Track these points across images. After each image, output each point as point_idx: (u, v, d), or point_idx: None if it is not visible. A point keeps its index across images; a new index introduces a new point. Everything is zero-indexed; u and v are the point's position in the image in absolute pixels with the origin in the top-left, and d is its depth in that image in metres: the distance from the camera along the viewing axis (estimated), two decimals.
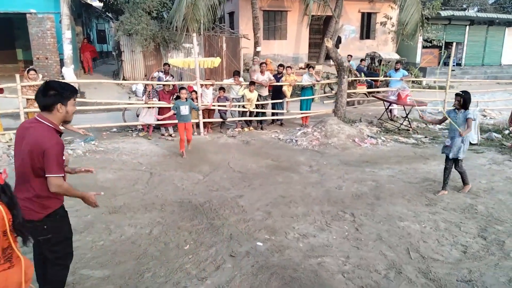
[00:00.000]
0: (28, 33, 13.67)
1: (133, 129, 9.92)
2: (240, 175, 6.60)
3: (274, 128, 10.41)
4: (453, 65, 22.28)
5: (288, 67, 10.93)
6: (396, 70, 11.52)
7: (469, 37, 22.44)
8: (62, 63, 14.11)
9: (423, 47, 21.18)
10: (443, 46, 21.80)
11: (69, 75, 13.58)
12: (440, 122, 5.92)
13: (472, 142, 8.38)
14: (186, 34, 14.38)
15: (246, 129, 10.10)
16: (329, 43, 10.14)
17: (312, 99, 10.73)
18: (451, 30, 21.95)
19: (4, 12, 13.63)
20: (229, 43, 16.65)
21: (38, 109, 2.76)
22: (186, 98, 7.72)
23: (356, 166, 7.00)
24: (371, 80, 13.42)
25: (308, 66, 10.73)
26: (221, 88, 9.86)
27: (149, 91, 8.94)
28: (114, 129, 9.84)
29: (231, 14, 20.74)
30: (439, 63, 22.53)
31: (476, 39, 22.67)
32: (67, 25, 13.45)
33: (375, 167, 6.96)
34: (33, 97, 7.93)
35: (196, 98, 9.29)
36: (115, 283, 3.38)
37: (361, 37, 21.07)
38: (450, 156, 5.50)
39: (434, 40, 19.66)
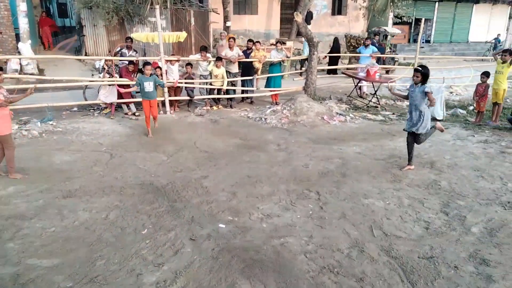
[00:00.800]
0: None
1: (95, 108, 9.46)
2: (206, 155, 6.40)
3: (244, 106, 10.18)
4: (422, 42, 22.62)
5: (257, 41, 10.62)
6: (366, 46, 11.44)
7: (438, 13, 22.67)
8: (18, 38, 13.21)
9: (394, 23, 21.22)
10: (413, 22, 21.93)
11: (26, 50, 12.75)
12: (406, 97, 5.87)
13: (438, 118, 8.51)
14: (151, 8, 13.71)
15: (214, 108, 9.83)
16: (298, 17, 9.89)
17: (282, 76, 10.52)
18: (421, 6, 22.07)
19: None
20: (198, 17, 16.05)
21: None
22: (150, 74, 7.34)
23: (324, 144, 6.93)
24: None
25: (277, 42, 10.46)
26: (188, 64, 9.48)
27: (109, 68, 8.46)
28: (75, 108, 9.35)
29: None
30: (409, 40, 22.76)
31: (445, 15, 22.94)
32: None
33: (343, 144, 6.92)
34: None
35: (161, 75, 8.90)
36: (64, 273, 3.16)
37: (333, 13, 20.83)
38: (408, 129, 5.51)
39: (404, 16, 19.68)
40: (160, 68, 8.98)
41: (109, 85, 8.58)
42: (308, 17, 18.93)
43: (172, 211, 4.29)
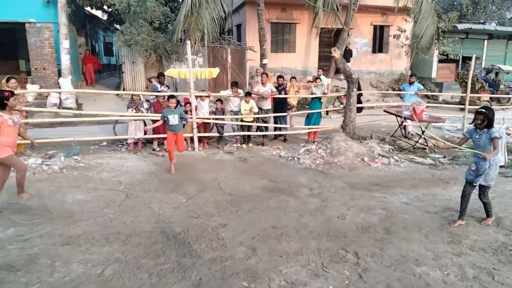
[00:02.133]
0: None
1: (123, 143, 9.20)
2: (229, 198, 5.73)
3: (277, 144, 9.54)
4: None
5: (292, 77, 10.16)
6: (411, 83, 10.60)
7: (488, 51, 21.42)
8: (60, 74, 13.64)
9: (439, 61, 20.22)
10: (460, 61, 20.80)
11: (66, 85, 13.05)
12: (460, 144, 5.00)
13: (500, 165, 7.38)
14: (191, 46, 13.80)
15: (245, 145, 9.27)
16: (336, 53, 9.33)
17: (320, 114, 9.86)
18: (468, 44, 21.00)
19: (3, 21, 13.26)
20: (235, 55, 16.00)
21: None
22: (175, 107, 6.95)
23: (364, 190, 6.06)
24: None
25: (316, 78, 9.92)
26: (218, 100, 9.09)
27: (136, 102, 8.22)
28: (104, 143, 9.13)
29: (239, 27, 20.19)
30: (455, 78, 21.52)
31: (495, 53, 21.63)
32: (65, 34, 12.99)
33: (387, 191, 6.01)
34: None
35: (191, 111, 8.55)
36: None
37: (373, 51, 20.21)
38: (475, 182, 4.56)
39: (450, 54, 18.68)
40: (190, 104, 8.65)
41: (136, 120, 8.32)
42: (348, 55, 18.42)
43: (178, 269, 3.60)
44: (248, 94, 8.83)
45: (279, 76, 10.11)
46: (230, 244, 4.13)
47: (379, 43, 20.24)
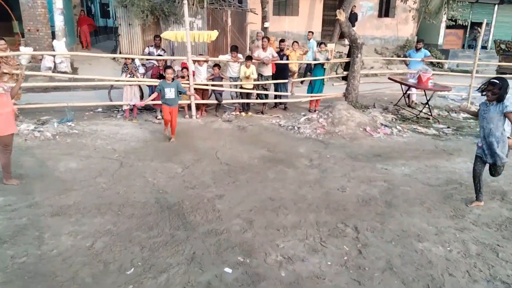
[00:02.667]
0: None
1: (119, 109, 8.94)
2: (226, 168, 5.57)
3: (277, 113, 9.28)
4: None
5: (294, 41, 9.75)
6: (417, 49, 10.18)
7: (498, 17, 20.63)
8: (54, 36, 13.14)
9: (447, 27, 19.48)
10: (469, 26, 20.07)
11: (60, 48, 12.60)
12: (476, 115, 4.66)
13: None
14: (179, 7, 13.21)
15: (244, 114, 9.01)
16: (341, 16, 8.88)
17: (323, 81, 9.52)
18: (478, 9, 20.17)
19: None
20: (235, 18, 15.37)
21: None
22: (172, 79, 6.64)
23: (366, 161, 5.89)
24: None
25: (320, 43, 9.50)
26: (216, 65, 8.73)
27: (129, 67, 7.91)
28: (99, 109, 8.88)
29: None
30: (463, 45, 20.88)
31: (505, 19, 20.83)
32: None
33: (388, 162, 5.84)
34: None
35: (188, 76, 8.23)
36: None
37: (379, 15, 19.44)
38: (487, 161, 4.29)
39: (459, 19, 17.96)
40: (187, 69, 8.32)
41: (131, 85, 8.03)
42: (353, 19, 17.74)
43: (172, 242, 3.47)
44: (248, 58, 8.46)
45: (281, 40, 9.69)
46: (226, 217, 4.00)
47: (385, 6, 19.43)
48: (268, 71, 9.00)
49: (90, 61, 14.20)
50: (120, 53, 14.17)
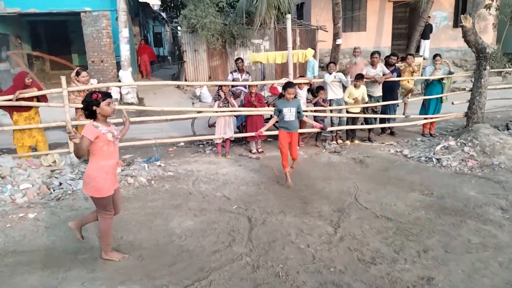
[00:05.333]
0: (83, 35, 12.21)
1: (204, 143, 7.80)
2: (391, 224, 4.09)
3: (386, 140, 7.78)
4: None
5: (409, 54, 8.34)
6: None
7: None
8: (118, 66, 12.51)
9: None
10: None
11: (127, 78, 11.89)
12: None
13: None
14: (254, 29, 12.21)
15: (348, 142, 7.58)
16: (467, 22, 7.34)
17: (441, 100, 7.96)
18: None
19: (58, 12, 12.24)
20: (304, 37, 14.23)
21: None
22: (293, 97, 5.34)
23: None
24: None
25: (435, 55, 8.01)
26: (320, 88, 7.41)
27: (225, 94, 6.73)
28: (181, 143, 7.78)
29: (300, 6, 18.29)
30: None
31: None
32: (124, 22, 11.77)
33: None
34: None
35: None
36: None
37: (455, 25, 17.63)
38: None
39: None
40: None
41: (225, 116, 6.85)
42: (427, 31, 16.14)
43: None
44: (359, 77, 7.09)
45: (392, 54, 8.33)
46: None
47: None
48: (379, 91, 7.58)
49: (155, 90, 13.46)
50: (185, 80, 13.32)
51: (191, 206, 4.71)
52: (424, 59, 15.34)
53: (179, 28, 13.03)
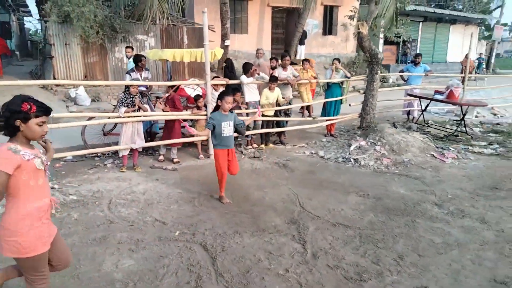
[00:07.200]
0: None
1: (100, 155, 6.58)
2: (351, 232, 3.95)
3: (295, 142, 7.84)
4: (408, 62, 21.99)
5: (305, 60, 8.55)
6: (416, 64, 9.79)
7: (422, 34, 22.30)
8: None
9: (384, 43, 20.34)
10: (401, 43, 21.25)
11: None
12: None
13: None
14: (143, 23, 11.04)
15: (263, 146, 7.39)
16: (364, 28, 7.91)
17: (341, 102, 8.40)
18: (407, 26, 21.50)
19: None
20: (192, 35, 13.58)
21: None
22: (231, 110, 4.75)
23: (496, 197, 4.82)
24: None
25: (333, 59, 8.39)
26: (236, 90, 6.97)
27: (131, 98, 5.78)
28: (69, 157, 6.38)
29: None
30: (397, 60, 22.04)
31: (427, 36, 22.65)
32: None
33: None
34: None
35: (205, 106, 6.38)
36: None
37: (324, 33, 19.38)
38: None
39: (401, 36, 18.84)
40: (201, 97, 6.46)
41: (133, 123, 5.84)
42: (303, 37, 17.28)
43: None
44: (274, 79, 6.92)
45: (272, 58, 8.44)
46: None
47: (329, 24, 19.46)
48: (290, 93, 7.55)
49: (12, 91, 10.95)
50: (54, 79, 11.20)
51: (121, 239, 3.74)
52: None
53: (37, 17, 10.84)
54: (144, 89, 6.59)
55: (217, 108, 4.65)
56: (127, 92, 5.76)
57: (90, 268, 3.20)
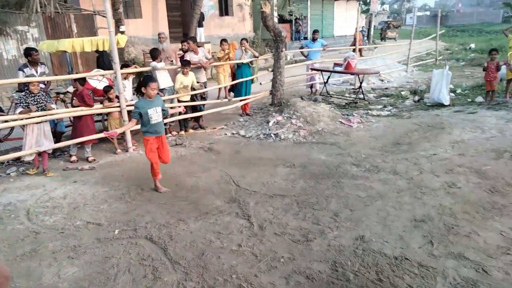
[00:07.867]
0: None
1: (4, 163, 5.85)
2: (288, 200, 4.21)
3: (214, 125, 7.88)
4: (302, 39, 23.30)
5: (223, 40, 8.54)
6: (314, 40, 10.49)
7: (311, 11, 23.67)
8: None
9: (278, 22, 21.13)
10: (293, 21, 22.32)
11: None
12: None
13: (445, 104, 8.07)
14: (23, 12, 9.77)
15: (183, 132, 7.30)
16: (266, 7, 8.15)
17: (252, 81, 8.62)
18: (297, 5, 22.61)
19: None
20: (81, 23, 12.44)
21: None
22: (156, 94, 4.57)
23: (400, 151, 5.53)
24: None
25: (242, 39, 8.49)
26: (148, 77, 6.66)
27: (35, 98, 5.22)
28: None
29: None
30: (291, 37, 23.12)
31: (316, 12, 24.13)
32: None
33: (416, 148, 5.62)
34: None
35: (117, 97, 6.03)
36: None
37: (221, 14, 19.36)
38: None
39: (293, 14, 19.76)
40: (111, 88, 6.09)
41: (38, 123, 5.27)
42: (201, 19, 17.05)
43: None
44: (186, 63, 6.80)
45: (183, 40, 8.28)
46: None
47: (225, 5, 19.48)
48: (204, 77, 7.51)
49: None
50: None
51: (54, 248, 3.44)
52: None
53: None
54: (43, 86, 5.97)
55: (141, 95, 4.45)
56: (28, 91, 5.13)
57: (29, 284, 2.91)
